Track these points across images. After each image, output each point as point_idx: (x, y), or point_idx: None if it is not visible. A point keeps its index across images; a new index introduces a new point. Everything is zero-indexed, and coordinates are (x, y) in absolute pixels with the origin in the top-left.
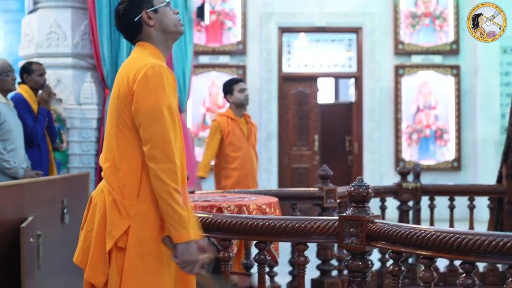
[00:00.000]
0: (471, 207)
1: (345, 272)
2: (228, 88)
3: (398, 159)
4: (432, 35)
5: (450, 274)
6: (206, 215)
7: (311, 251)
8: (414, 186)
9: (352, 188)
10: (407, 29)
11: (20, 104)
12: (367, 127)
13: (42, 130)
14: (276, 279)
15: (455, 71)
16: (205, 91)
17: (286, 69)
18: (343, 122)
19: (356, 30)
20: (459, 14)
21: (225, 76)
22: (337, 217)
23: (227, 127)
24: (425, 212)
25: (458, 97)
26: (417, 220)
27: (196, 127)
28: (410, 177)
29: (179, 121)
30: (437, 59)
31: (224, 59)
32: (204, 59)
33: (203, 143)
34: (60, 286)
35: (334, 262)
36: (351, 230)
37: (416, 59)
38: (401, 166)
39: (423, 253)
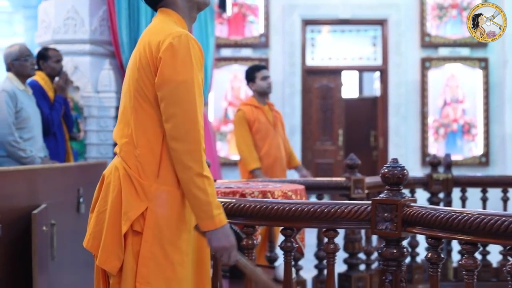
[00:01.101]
0: (505, 199)
1: (373, 266)
2: (250, 75)
3: (424, 154)
4: (459, 27)
5: (482, 270)
6: (228, 200)
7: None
8: (445, 177)
9: (386, 170)
10: (433, 21)
11: (35, 91)
12: (393, 122)
13: (59, 118)
14: (302, 273)
15: (483, 63)
16: (227, 84)
17: (309, 62)
18: (368, 117)
19: (381, 22)
20: None
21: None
22: (369, 202)
23: (252, 115)
24: (456, 205)
25: (486, 90)
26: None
27: (218, 121)
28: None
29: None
30: (465, 52)
31: (246, 52)
32: (226, 52)
33: (224, 138)
34: (75, 278)
35: (361, 256)
36: (385, 214)
37: (443, 52)
38: (432, 156)
39: (464, 238)
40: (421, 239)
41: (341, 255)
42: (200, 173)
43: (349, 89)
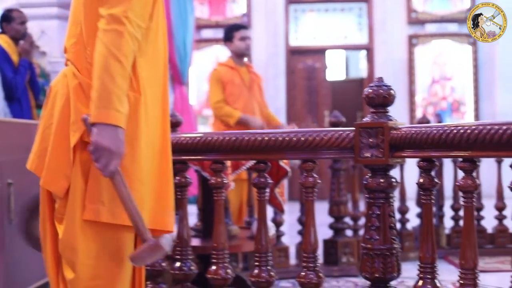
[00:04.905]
0: (499, 161)
1: (361, 232)
2: (228, 35)
3: None
4: (446, 2)
5: (477, 235)
6: (195, 135)
7: (323, 209)
8: None
9: (371, 90)
10: None
11: None
12: None
13: (23, 83)
14: (284, 239)
15: (472, 39)
16: (209, 67)
17: (293, 42)
18: (354, 98)
19: None
20: None
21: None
22: (352, 128)
23: (226, 76)
24: (447, 168)
25: (476, 67)
26: (439, 176)
27: (200, 104)
28: None
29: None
30: (453, 28)
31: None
32: (207, 33)
33: (206, 121)
34: None
35: (348, 221)
36: (370, 140)
37: (430, 28)
38: (422, 117)
39: (461, 154)
40: (411, 205)
41: (326, 220)
42: (117, 57)
43: (335, 70)
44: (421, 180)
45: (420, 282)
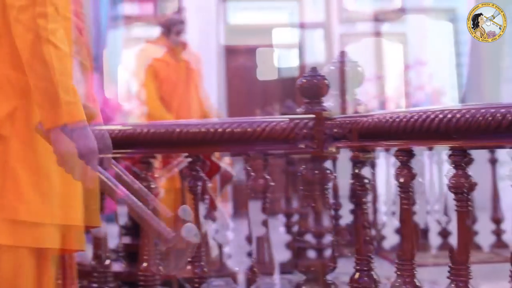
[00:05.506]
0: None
1: (295, 229)
2: (164, 29)
3: None
4: (378, 1)
5: None
6: (122, 127)
7: (255, 208)
8: None
9: (305, 80)
10: None
11: None
12: None
13: None
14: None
15: (403, 38)
16: (139, 65)
17: (226, 41)
18: (287, 96)
19: None
20: None
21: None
22: (286, 119)
23: (162, 72)
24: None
25: (407, 66)
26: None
27: (130, 105)
28: None
29: None
30: (383, 27)
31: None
32: (137, 32)
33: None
34: None
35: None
36: (305, 131)
37: (361, 27)
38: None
39: (397, 143)
40: (345, 202)
41: (258, 219)
42: (46, 38)
43: (267, 69)
44: (356, 171)
45: (357, 275)
